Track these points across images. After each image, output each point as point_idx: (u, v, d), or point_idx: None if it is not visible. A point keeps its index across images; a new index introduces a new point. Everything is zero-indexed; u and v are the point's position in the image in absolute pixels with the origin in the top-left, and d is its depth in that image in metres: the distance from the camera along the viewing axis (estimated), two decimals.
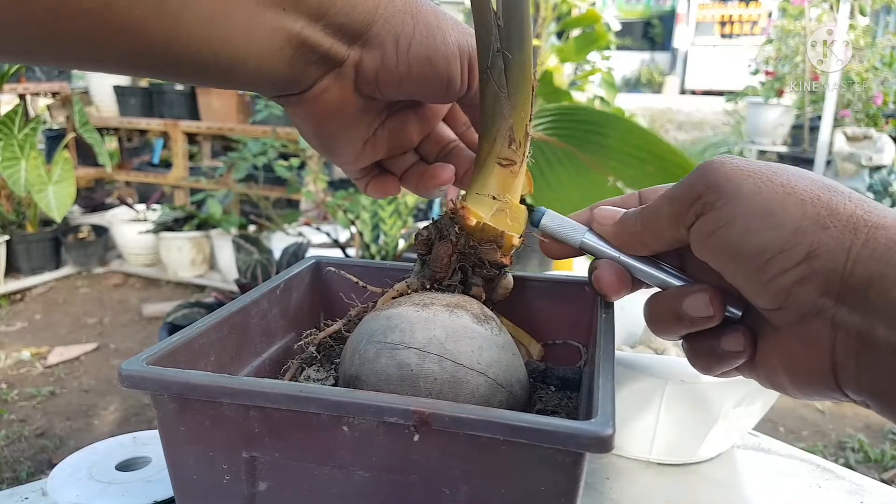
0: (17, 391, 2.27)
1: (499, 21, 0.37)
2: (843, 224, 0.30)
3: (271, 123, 2.94)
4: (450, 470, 0.31)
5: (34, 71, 3.41)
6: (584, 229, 0.40)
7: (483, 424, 0.29)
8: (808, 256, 0.30)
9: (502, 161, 0.39)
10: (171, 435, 0.34)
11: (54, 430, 2.06)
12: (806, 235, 0.31)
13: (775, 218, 0.31)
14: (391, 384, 0.34)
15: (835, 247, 0.30)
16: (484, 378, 0.34)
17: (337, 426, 0.31)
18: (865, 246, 0.30)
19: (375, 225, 2.15)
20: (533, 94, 0.38)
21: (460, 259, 0.40)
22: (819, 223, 0.31)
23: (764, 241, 0.31)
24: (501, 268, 0.41)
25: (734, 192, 0.32)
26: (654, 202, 0.36)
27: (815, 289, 0.30)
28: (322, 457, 0.32)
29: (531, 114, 0.39)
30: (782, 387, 0.34)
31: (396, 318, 0.36)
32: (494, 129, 0.39)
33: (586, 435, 0.28)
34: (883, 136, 3.51)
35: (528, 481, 0.30)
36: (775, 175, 0.32)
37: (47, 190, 2.89)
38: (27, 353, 2.52)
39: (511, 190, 0.39)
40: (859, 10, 3.84)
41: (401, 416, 0.29)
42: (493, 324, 0.37)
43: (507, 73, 0.38)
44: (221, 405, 0.32)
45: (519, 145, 0.39)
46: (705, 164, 0.34)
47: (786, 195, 0.31)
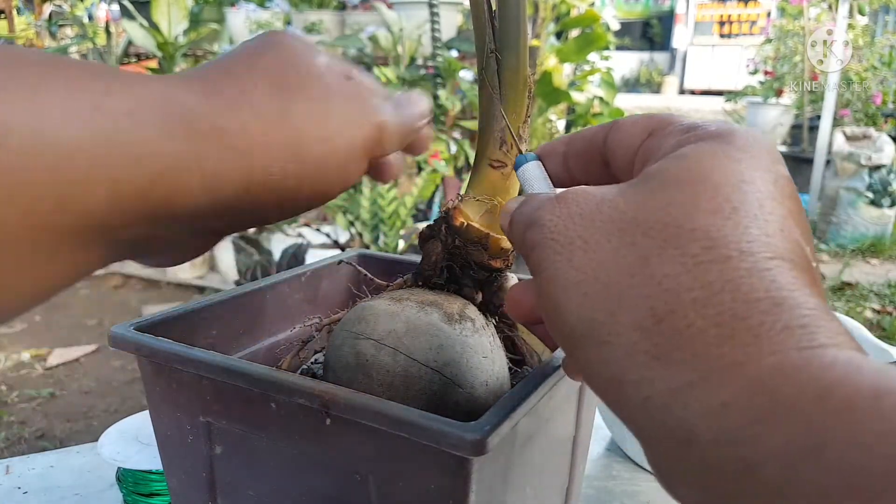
0: (17, 393, 2.27)
1: (494, 22, 0.37)
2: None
3: None
4: (357, 457, 0.32)
5: None
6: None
7: (371, 415, 0.30)
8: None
9: (493, 163, 0.39)
10: (151, 394, 0.39)
11: (54, 431, 2.06)
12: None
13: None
14: (349, 372, 0.34)
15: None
16: (438, 376, 0.34)
17: (266, 402, 0.34)
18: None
19: (375, 226, 2.16)
20: (529, 96, 0.38)
21: (448, 258, 0.40)
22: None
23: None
24: (492, 271, 0.40)
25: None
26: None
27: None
28: (258, 429, 0.36)
29: (526, 116, 0.39)
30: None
31: (368, 309, 0.36)
32: (488, 131, 0.39)
33: (455, 436, 0.28)
34: (882, 136, 3.52)
35: (420, 479, 0.31)
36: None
37: None
38: (27, 355, 2.52)
39: (502, 192, 0.39)
40: (858, 10, 3.84)
41: (308, 399, 0.32)
42: (467, 325, 0.36)
43: (500, 75, 0.37)
44: (181, 372, 0.36)
45: (511, 147, 0.39)
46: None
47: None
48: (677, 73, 11.60)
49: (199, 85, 0.26)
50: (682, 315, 0.20)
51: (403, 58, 2.91)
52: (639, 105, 8.49)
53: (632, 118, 0.29)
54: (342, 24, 3.31)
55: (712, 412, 0.19)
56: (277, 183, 0.27)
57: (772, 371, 0.18)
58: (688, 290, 0.20)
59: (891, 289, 2.98)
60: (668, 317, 0.20)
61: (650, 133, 0.27)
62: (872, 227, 3.54)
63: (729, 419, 0.18)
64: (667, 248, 0.21)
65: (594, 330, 0.22)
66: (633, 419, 0.21)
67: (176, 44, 3.43)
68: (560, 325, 0.23)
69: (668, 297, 0.20)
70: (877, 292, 2.96)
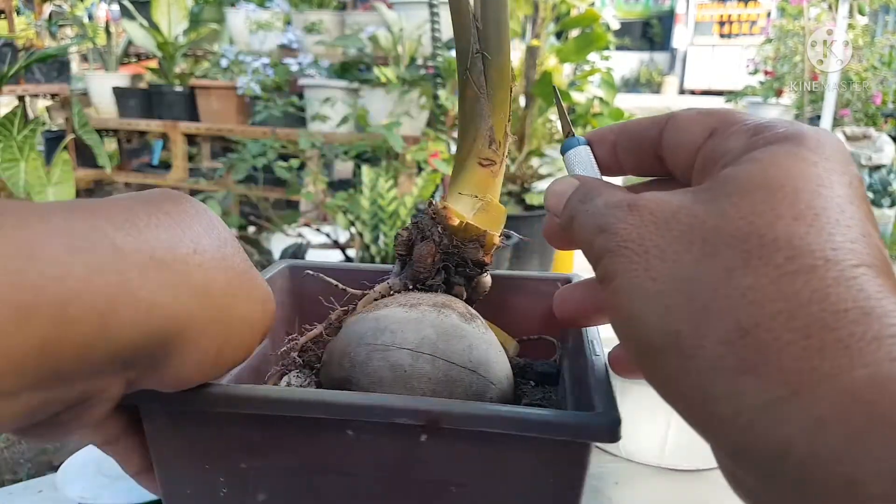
0: None
1: (477, 23, 0.37)
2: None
3: (271, 124, 2.94)
4: (454, 468, 0.31)
5: (33, 72, 3.41)
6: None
7: (493, 421, 0.29)
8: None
9: (483, 161, 0.39)
10: (162, 451, 0.33)
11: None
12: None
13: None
14: (384, 385, 0.34)
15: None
16: (476, 376, 0.34)
17: (341, 431, 0.31)
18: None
19: (375, 226, 2.16)
20: (511, 96, 0.39)
21: (444, 259, 0.40)
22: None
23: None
24: (483, 266, 0.41)
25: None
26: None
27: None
28: (321, 464, 0.32)
29: (510, 114, 0.39)
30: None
31: (385, 319, 0.36)
32: (474, 130, 0.39)
33: (595, 425, 0.29)
34: (882, 136, 3.51)
35: (528, 476, 0.31)
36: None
37: (46, 191, 2.90)
38: None
39: (491, 189, 0.40)
40: (858, 10, 3.84)
41: (411, 417, 0.29)
42: (479, 322, 0.37)
43: (487, 74, 0.38)
44: (216, 415, 0.32)
45: (499, 145, 0.39)
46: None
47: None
48: (677, 73, 11.60)
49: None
50: (767, 328, 0.20)
51: (403, 58, 2.91)
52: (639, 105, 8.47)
53: (689, 114, 0.28)
54: (342, 24, 3.32)
55: (808, 427, 0.18)
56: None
57: (866, 384, 0.18)
58: (772, 301, 0.20)
59: None
60: (754, 330, 0.20)
61: (712, 132, 0.27)
62: None
63: (827, 434, 0.18)
64: (750, 259, 0.21)
65: (678, 343, 0.21)
66: (720, 434, 0.21)
67: (176, 44, 3.44)
68: (637, 336, 0.23)
69: (754, 310, 0.20)
70: None
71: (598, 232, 0.25)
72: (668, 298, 0.22)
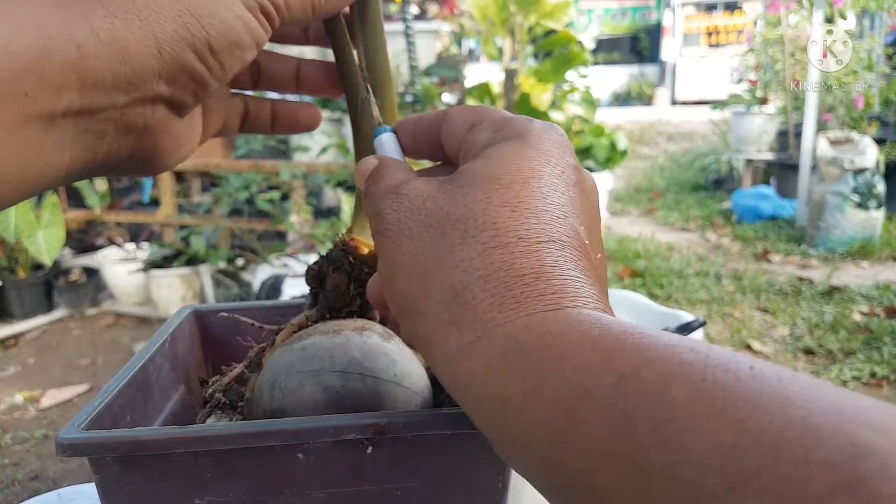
0: (11, 435, 2.28)
1: (363, 73, 0.40)
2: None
3: (253, 157, 2.97)
4: (398, 473, 0.34)
5: None
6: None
7: (437, 423, 0.32)
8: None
9: None
10: (115, 495, 0.33)
11: (48, 472, 2.07)
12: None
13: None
14: (319, 408, 0.36)
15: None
16: (402, 388, 0.37)
17: (292, 455, 0.33)
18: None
19: None
20: None
21: (357, 286, 0.42)
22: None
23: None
24: None
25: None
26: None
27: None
28: (274, 489, 0.34)
29: None
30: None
31: (312, 347, 0.37)
32: None
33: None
34: (865, 139, 3.53)
35: (469, 471, 0.34)
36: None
37: (37, 234, 2.92)
38: (20, 398, 2.53)
39: None
40: (840, 15, 3.88)
41: (358, 431, 0.32)
42: (396, 340, 0.39)
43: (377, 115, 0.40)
44: (171, 456, 0.32)
45: None
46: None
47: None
48: (668, 84, 11.67)
49: None
50: (470, 290, 0.25)
51: None
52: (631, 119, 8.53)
53: (459, 110, 0.33)
54: (323, 55, 3.35)
55: (484, 362, 0.24)
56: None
57: (523, 327, 0.24)
58: (477, 269, 0.25)
59: (879, 291, 2.98)
60: (462, 292, 0.25)
61: (471, 126, 0.31)
62: (861, 230, 3.54)
63: (493, 367, 0.24)
64: (466, 237, 0.26)
65: (413, 303, 0.27)
66: (438, 374, 0.26)
67: None
68: (392, 300, 0.29)
69: (464, 277, 0.25)
70: (865, 294, 2.96)
71: (374, 215, 0.30)
72: (410, 269, 0.27)
